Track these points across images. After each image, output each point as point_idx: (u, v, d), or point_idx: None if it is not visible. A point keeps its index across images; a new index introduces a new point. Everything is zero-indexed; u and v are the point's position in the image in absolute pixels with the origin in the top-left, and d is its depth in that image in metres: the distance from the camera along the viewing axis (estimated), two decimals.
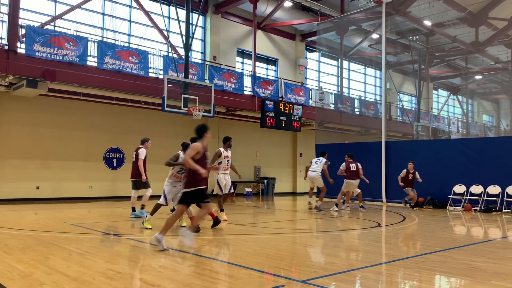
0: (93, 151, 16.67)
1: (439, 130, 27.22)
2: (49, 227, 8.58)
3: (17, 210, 11.96)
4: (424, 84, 26.95)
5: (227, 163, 9.89)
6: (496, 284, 4.61)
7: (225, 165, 9.82)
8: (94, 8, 17.05)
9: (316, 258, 5.92)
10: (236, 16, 21.09)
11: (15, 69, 12.79)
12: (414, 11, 21.98)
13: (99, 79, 14.23)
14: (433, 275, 5.03)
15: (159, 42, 18.50)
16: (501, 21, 23.04)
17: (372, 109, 24.45)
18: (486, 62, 28.26)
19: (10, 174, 14.94)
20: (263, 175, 22.09)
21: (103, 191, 16.85)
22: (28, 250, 6.03)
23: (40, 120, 15.60)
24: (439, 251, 6.47)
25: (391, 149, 16.56)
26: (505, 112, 34.01)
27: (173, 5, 16.34)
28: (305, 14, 22.29)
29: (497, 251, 6.82)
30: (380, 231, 8.90)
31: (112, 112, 17.11)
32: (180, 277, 4.69)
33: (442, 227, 9.98)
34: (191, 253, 6.10)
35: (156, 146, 17.48)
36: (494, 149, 13.95)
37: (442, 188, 14.50)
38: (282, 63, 23.20)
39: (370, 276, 5.07)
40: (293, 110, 19.36)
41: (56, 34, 13.64)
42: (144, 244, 6.93)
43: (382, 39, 17.80)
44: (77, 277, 4.61)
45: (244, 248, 6.76)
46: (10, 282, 4.37)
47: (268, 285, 4.58)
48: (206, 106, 15.52)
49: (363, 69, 28.18)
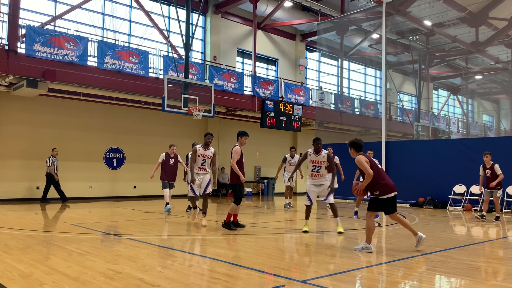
0: (93, 151, 16.67)
1: (439, 130, 27.20)
2: (49, 227, 8.58)
3: (17, 210, 11.96)
4: (424, 84, 26.95)
5: (203, 162, 9.02)
6: (496, 284, 4.61)
7: (199, 165, 9.01)
8: (94, 8, 17.06)
9: (316, 258, 5.92)
10: (236, 16, 21.09)
11: (15, 69, 12.79)
12: (414, 11, 21.98)
13: (99, 79, 14.23)
14: (433, 275, 5.03)
15: (159, 42, 18.50)
16: (501, 21, 23.05)
17: (372, 109, 24.45)
18: (486, 62, 28.26)
19: (10, 174, 14.94)
20: (263, 175, 22.09)
21: (103, 191, 16.85)
22: (28, 250, 6.03)
23: (40, 120, 15.60)
24: (439, 251, 6.47)
25: (391, 149, 16.56)
26: (505, 112, 34.00)
27: (173, 5, 16.34)
28: (305, 14, 22.29)
29: (497, 251, 6.82)
30: (380, 231, 8.90)
31: (112, 112, 17.11)
32: (180, 277, 4.69)
33: (442, 227, 9.98)
34: (191, 253, 6.11)
35: (156, 146, 17.56)
36: (494, 149, 13.93)
37: (442, 188, 14.50)
38: (282, 63, 23.20)
39: (370, 276, 5.07)
40: (293, 110, 19.36)
41: (56, 34, 13.65)
42: (144, 244, 6.93)
43: (382, 39, 17.80)
44: (77, 277, 4.61)
45: (244, 248, 6.76)
46: (10, 282, 4.37)
47: (268, 285, 4.58)
48: (206, 106, 15.52)
49: (363, 69, 28.18)
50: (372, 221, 6.41)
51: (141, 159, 17.72)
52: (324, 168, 8.19)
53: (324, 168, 8.19)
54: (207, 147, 8.96)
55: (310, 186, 8.35)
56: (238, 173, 8.27)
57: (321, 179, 8.27)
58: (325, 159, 8.17)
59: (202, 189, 9.07)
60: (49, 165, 14.27)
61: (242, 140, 8.50)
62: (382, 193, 6.25)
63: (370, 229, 6.33)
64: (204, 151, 8.92)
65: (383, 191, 6.25)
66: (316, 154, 8.26)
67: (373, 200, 6.38)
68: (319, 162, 8.22)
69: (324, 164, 8.18)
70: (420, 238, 6.39)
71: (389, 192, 6.26)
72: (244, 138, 8.51)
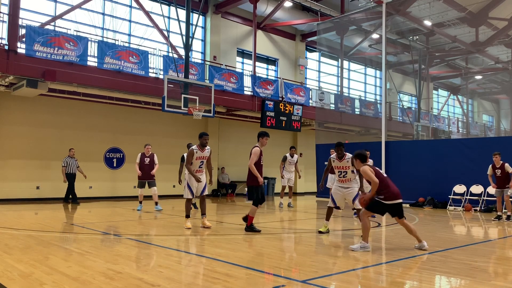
0: (93, 151, 16.66)
1: (439, 130, 27.20)
2: (49, 227, 8.58)
3: (17, 210, 11.96)
4: (424, 84, 26.95)
5: (200, 164, 8.64)
6: (496, 284, 4.61)
7: (197, 167, 8.61)
8: (94, 8, 17.06)
9: (316, 258, 5.92)
10: (236, 16, 21.09)
11: (15, 69, 12.79)
12: (414, 11, 21.99)
13: (99, 79, 14.23)
14: (433, 275, 5.03)
15: (159, 42, 18.50)
16: (501, 21, 23.06)
17: (372, 109, 24.46)
18: (486, 62, 28.26)
19: (10, 174, 14.94)
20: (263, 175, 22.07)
21: (103, 191, 16.85)
22: (28, 250, 6.03)
23: (40, 120, 15.60)
24: (439, 251, 6.47)
25: (391, 149, 16.56)
26: (505, 112, 34.00)
27: (173, 5, 16.34)
28: (305, 14, 22.29)
29: (497, 251, 6.83)
30: (380, 231, 8.90)
31: (112, 112, 17.11)
32: (180, 277, 4.69)
33: (442, 227, 9.98)
34: (191, 253, 6.11)
35: (156, 146, 17.54)
36: (494, 149, 13.93)
37: (442, 188, 14.50)
38: (282, 63, 23.20)
39: (370, 276, 5.07)
40: (293, 110, 19.36)
41: (56, 34, 13.65)
42: (144, 244, 6.93)
43: (382, 39, 17.80)
44: (77, 277, 4.61)
45: (244, 248, 6.76)
46: (10, 282, 4.37)
47: (268, 285, 4.58)
48: (206, 106, 15.52)
49: (363, 69, 28.19)
50: (368, 219, 6.52)
51: None
52: (351, 172, 7.99)
53: (351, 172, 7.99)
54: (203, 148, 8.60)
55: (336, 188, 8.19)
56: (256, 174, 8.10)
57: (348, 183, 8.08)
58: (350, 164, 7.90)
59: (199, 191, 8.70)
60: (63, 166, 14.16)
61: (263, 141, 8.32)
62: (386, 198, 6.41)
63: (367, 228, 6.45)
64: (201, 152, 8.55)
65: (387, 197, 6.41)
66: (339, 160, 8.05)
67: (376, 202, 6.46)
68: (344, 167, 8.01)
69: (350, 169, 7.96)
70: (423, 246, 6.51)
71: (394, 199, 6.42)
72: (265, 139, 8.31)
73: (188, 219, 8.71)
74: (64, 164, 14.13)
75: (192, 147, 8.58)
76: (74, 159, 14.37)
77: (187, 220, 8.68)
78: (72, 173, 14.25)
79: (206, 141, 8.62)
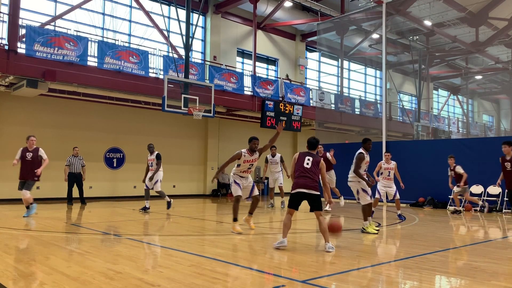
0: (93, 151, 16.66)
1: (439, 130, 27.20)
2: (49, 227, 8.58)
3: (17, 210, 11.96)
4: (424, 84, 26.95)
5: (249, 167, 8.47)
6: (496, 284, 4.61)
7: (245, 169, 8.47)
8: (94, 8, 17.06)
9: (316, 258, 5.92)
10: (236, 16, 21.09)
11: (15, 69, 12.79)
12: (414, 11, 21.99)
13: (99, 79, 14.23)
14: (433, 275, 5.03)
15: (159, 42, 18.50)
16: (501, 21, 23.05)
17: (372, 109, 24.45)
18: (486, 62, 28.26)
19: (10, 174, 14.89)
20: (263, 175, 22.06)
21: (103, 191, 16.85)
22: (28, 250, 6.03)
23: (40, 120, 15.60)
24: (439, 251, 6.47)
25: (391, 149, 16.52)
26: (505, 112, 34.00)
27: (173, 5, 16.34)
28: (305, 14, 22.29)
29: (497, 251, 6.82)
30: (380, 231, 8.89)
31: (112, 112, 17.11)
32: (180, 277, 4.69)
33: (442, 227, 9.97)
34: (191, 253, 6.11)
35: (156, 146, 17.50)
36: (494, 149, 13.93)
37: (442, 188, 14.48)
38: (282, 63, 23.20)
39: (370, 276, 5.07)
40: (293, 110, 19.35)
41: (56, 34, 13.65)
42: (144, 244, 6.93)
43: (382, 39, 17.80)
44: (77, 277, 4.61)
45: (244, 248, 6.76)
46: (10, 282, 4.37)
47: (268, 285, 4.58)
48: (206, 106, 15.52)
49: (363, 69, 28.19)
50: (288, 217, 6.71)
51: (141, 159, 17.67)
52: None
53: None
54: (252, 152, 8.34)
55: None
56: None
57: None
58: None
59: (248, 192, 8.57)
60: (66, 165, 13.99)
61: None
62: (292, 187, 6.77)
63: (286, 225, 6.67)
64: (251, 156, 8.31)
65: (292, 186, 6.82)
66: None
67: None
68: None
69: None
70: (326, 247, 6.28)
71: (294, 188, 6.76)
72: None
73: (237, 223, 8.15)
74: (67, 163, 14.02)
75: (241, 151, 8.35)
76: (78, 158, 14.09)
77: (236, 224, 8.11)
78: (76, 172, 13.94)
79: (255, 145, 8.32)
